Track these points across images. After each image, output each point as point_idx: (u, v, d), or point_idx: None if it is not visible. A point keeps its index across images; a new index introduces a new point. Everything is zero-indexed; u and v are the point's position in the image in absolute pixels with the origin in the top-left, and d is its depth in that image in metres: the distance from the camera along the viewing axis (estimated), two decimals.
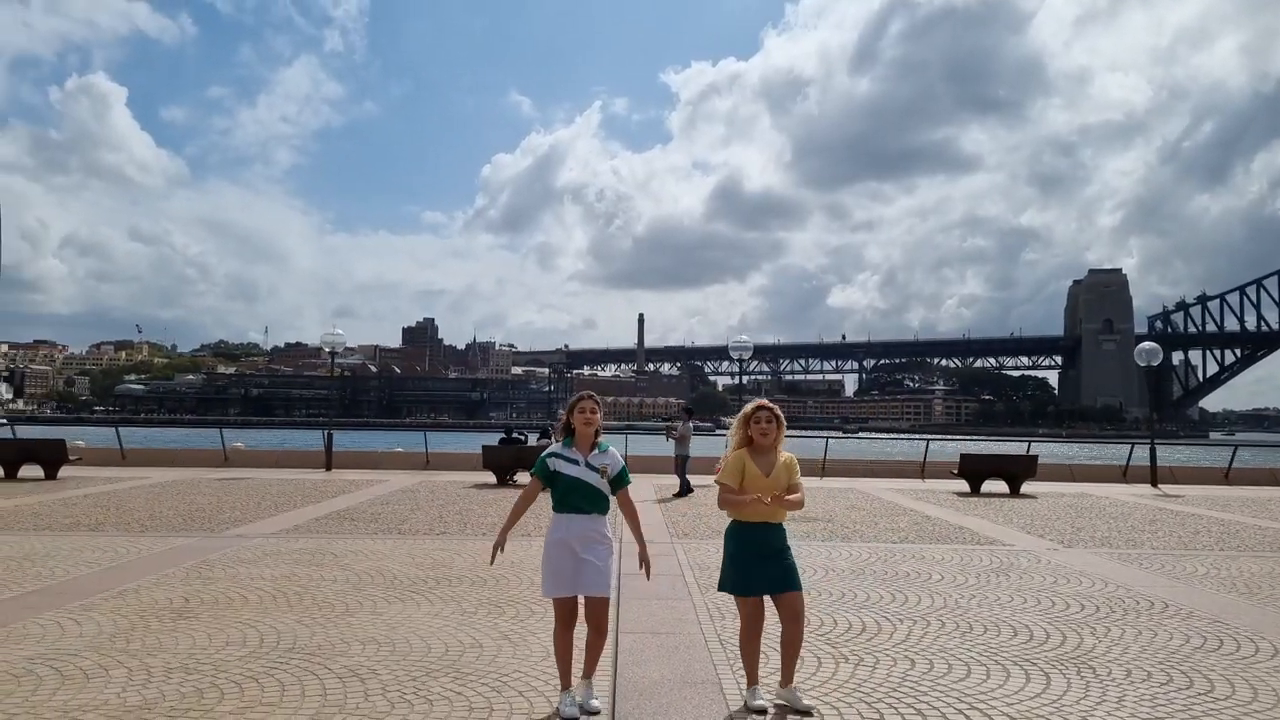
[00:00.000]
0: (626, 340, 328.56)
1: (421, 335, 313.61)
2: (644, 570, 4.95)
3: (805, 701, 4.77)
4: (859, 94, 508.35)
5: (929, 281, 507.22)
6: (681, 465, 17.12)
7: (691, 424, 17.98)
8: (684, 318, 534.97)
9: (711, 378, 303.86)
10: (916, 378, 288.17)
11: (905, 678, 5.36)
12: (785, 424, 4.98)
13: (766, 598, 4.88)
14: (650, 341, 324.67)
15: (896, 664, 5.66)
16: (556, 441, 4.93)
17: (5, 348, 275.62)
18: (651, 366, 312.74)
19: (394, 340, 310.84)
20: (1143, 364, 23.95)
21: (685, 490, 16.47)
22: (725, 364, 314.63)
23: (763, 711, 4.67)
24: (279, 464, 23.32)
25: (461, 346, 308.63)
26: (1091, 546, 11.09)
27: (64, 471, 18.76)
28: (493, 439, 20.61)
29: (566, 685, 4.73)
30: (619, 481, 4.76)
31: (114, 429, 25.82)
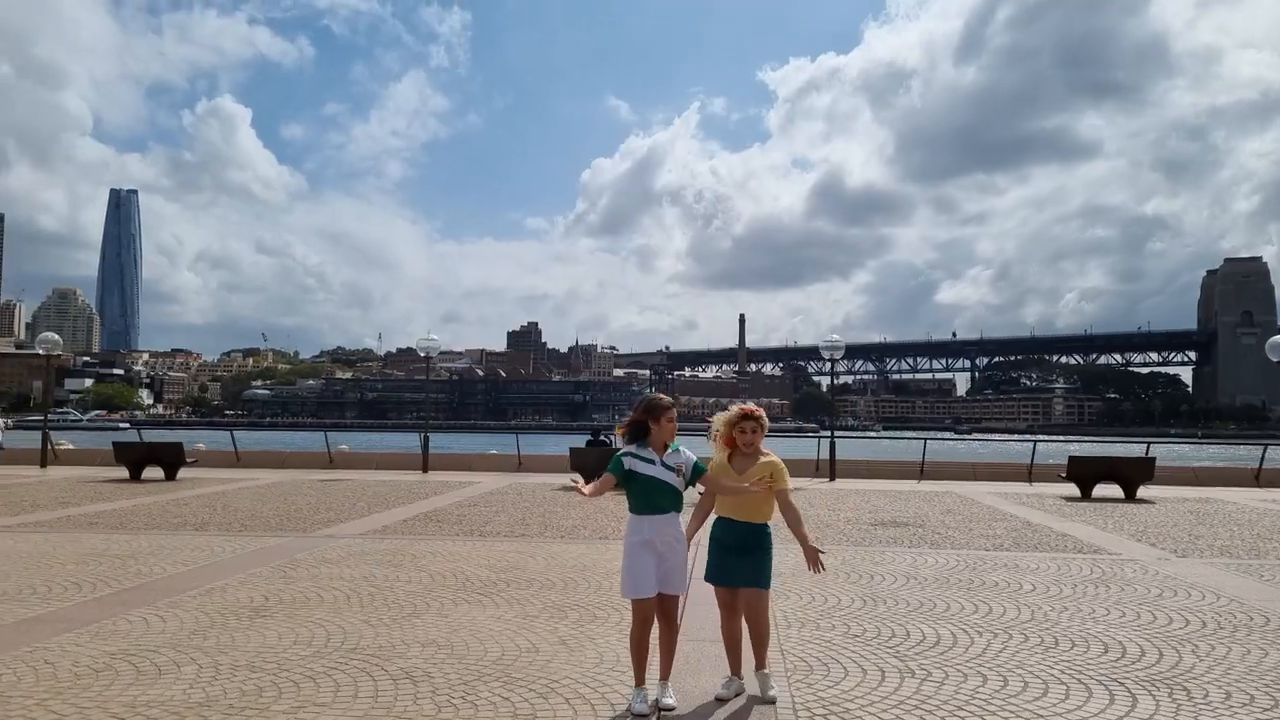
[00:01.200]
0: (728, 341, 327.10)
1: (526, 339, 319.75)
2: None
3: (772, 692, 4.97)
4: (965, 84, 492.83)
5: (1046, 275, 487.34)
6: None
7: None
8: (786, 317, 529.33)
9: (815, 378, 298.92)
10: (1034, 376, 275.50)
11: (974, 695, 5.05)
12: (767, 430, 5.12)
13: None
14: (752, 342, 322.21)
15: (967, 680, 5.34)
16: (617, 443, 4.97)
17: (147, 356, 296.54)
18: (753, 367, 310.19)
19: (499, 344, 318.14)
20: (1276, 359, 22.21)
21: None
22: (829, 364, 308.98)
23: (721, 702, 4.92)
24: (380, 466, 24.10)
25: (564, 349, 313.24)
26: (1208, 556, 10.30)
27: (182, 473, 19.87)
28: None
29: (641, 682, 4.80)
30: (696, 472, 4.92)
31: (229, 432, 27.21)
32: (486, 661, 5.62)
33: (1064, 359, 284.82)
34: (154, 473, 19.89)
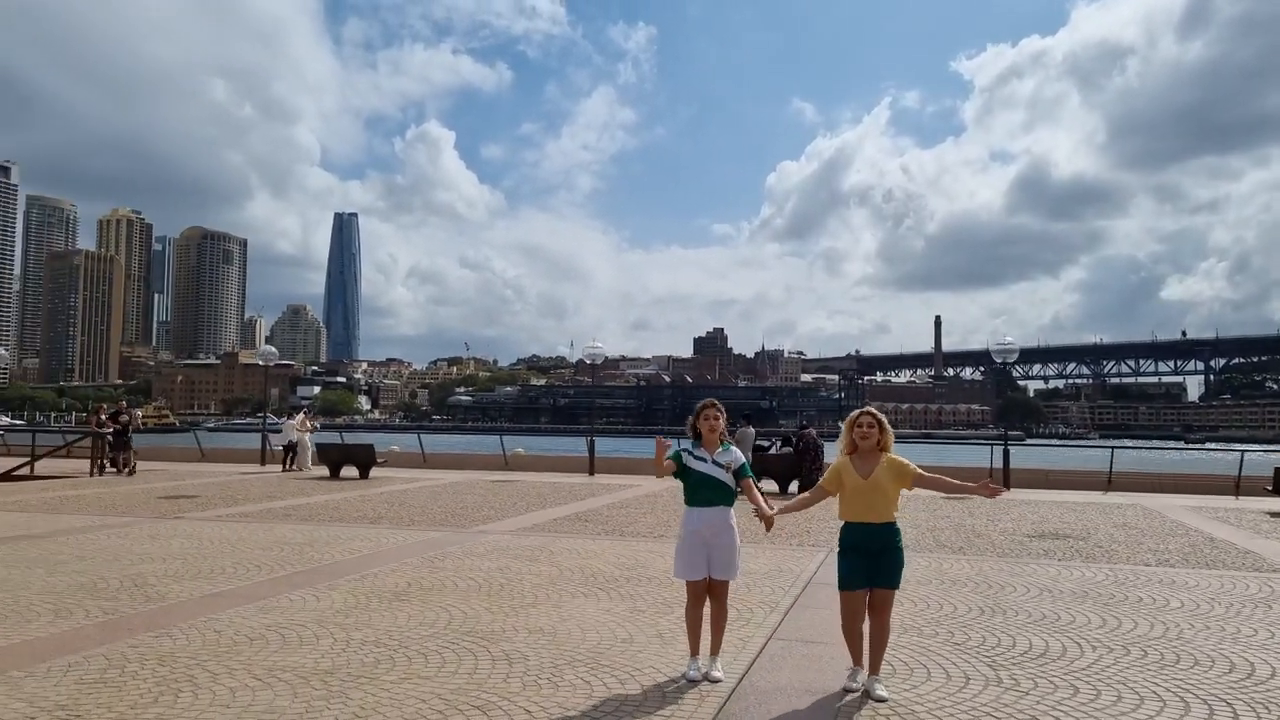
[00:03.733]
0: (922, 345, 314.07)
1: (712, 345, 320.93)
2: (762, 521, 5.30)
3: (881, 692, 5.02)
4: (1190, 60, 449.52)
5: None
6: None
7: (751, 429, 18.71)
8: (987, 318, 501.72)
9: (1021, 382, 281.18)
10: None
11: (1058, 705, 4.89)
12: (890, 430, 5.24)
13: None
14: (949, 345, 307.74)
15: (1056, 689, 5.16)
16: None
17: (365, 365, 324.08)
18: (950, 371, 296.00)
19: (686, 350, 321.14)
20: None
21: None
22: (1037, 367, 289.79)
23: (852, 691, 5.11)
24: (550, 469, 25.30)
25: (751, 355, 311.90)
26: None
27: (374, 472, 21.77)
28: None
29: (695, 653, 5.36)
30: (741, 472, 5.40)
31: (416, 435, 29.42)
32: (582, 648, 6.00)
33: None
34: (351, 471, 21.93)
